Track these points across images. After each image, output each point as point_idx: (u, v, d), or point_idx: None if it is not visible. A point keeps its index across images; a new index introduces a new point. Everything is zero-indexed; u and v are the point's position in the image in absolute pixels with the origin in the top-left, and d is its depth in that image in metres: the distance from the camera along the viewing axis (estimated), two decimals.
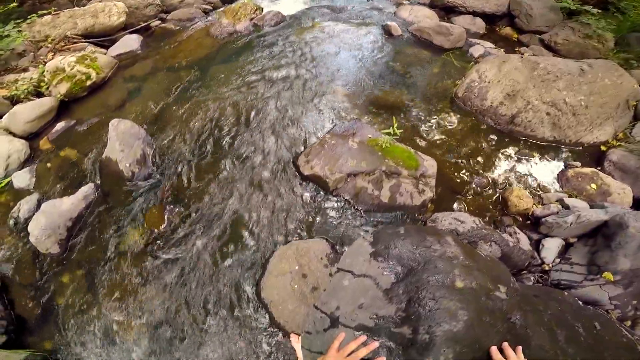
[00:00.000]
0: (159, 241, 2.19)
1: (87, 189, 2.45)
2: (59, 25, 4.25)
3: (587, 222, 1.91)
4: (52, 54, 4.02)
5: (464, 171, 2.48)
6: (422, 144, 2.65)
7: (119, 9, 4.43)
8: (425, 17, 4.52)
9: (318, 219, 2.20)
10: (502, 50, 4.01)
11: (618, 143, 2.77)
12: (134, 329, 1.91)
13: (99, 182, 2.56)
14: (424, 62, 3.62)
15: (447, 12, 4.84)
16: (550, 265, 1.95)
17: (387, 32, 4.13)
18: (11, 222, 2.42)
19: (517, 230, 2.08)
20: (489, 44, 4.08)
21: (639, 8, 4.76)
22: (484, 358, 0.99)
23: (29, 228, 2.24)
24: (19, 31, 4.11)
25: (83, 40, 4.23)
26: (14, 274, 2.24)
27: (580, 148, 2.77)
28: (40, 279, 2.18)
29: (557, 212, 2.10)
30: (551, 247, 1.98)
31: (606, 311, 1.58)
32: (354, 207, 2.21)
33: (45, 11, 4.35)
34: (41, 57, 3.99)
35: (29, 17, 4.31)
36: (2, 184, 2.70)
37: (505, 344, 1.01)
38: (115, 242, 2.24)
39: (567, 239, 2.03)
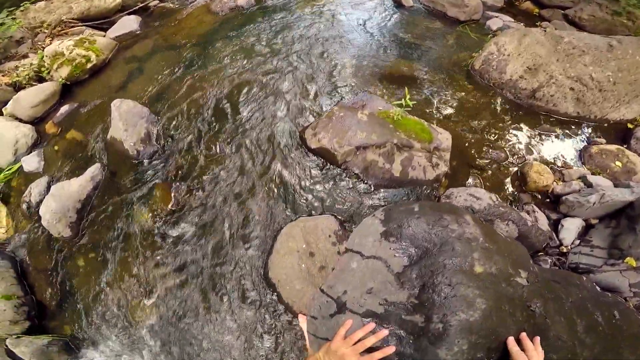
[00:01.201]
0: (166, 219, 2.18)
1: (94, 170, 2.45)
2: (54, 11, 4.19)
3: (612, 202, 1.78)
4: (50, 39, 3.97)
5: (480, 145, 2.35)
6: (437, 116, 2.52)
7: None
8: None
9: (326, 194, 2.12)
10: (522, 24, 3.74)
11: None
12: (148, 308, 1.93)
13: (105, 162, 2.55)
14: (437, 34, 3.41)
15: None
16: (569, 247, 1.83)
17: (398, 2, 3.89)
18: (24, 206, 2.45)
19: (536, 209, 1.97)
20: (507, 18, 3.83)
21: None
22: (500, 349, 0.93)
23: (40, 212, 2.26)
24: (13, 19, 4.08)
25: (80, 23, 4.16)
26: (31, 259, 2.28)
27: (606, 125, 2.58)
28: (56, 263, 2.21)
29: (579, 190, 1.97)
30: (571, 228, 1.85)
31: (624, 299, 1.49)
32: (364, 181, 2.11)
33: None
34: (39, 43, 3.96)
35: (21, 4, 4.25)
36: (13, 169, 2.73)
37: (523, 335, 0.94)
38: (124, 222, 2.24)
39: (587, 220, 1.90)
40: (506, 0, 4.31)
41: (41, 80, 3.38)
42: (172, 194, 2.27)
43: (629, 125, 2.57)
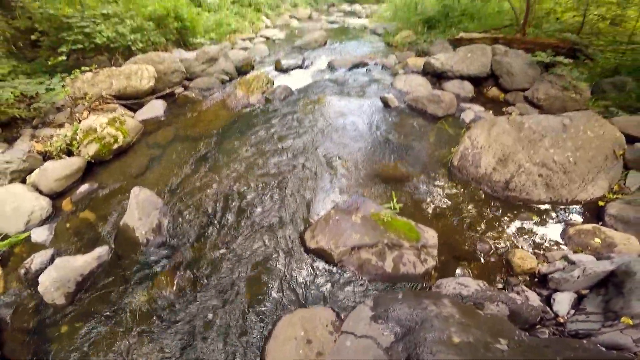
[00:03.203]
0: (165, 304, 2.23)
1: (101, 250, 2.58)
2: (97, 84, 4.66)
3: (594, 273, 1.97)
4: (88, 112, 4.32)
5: (465, 238, 2.55)
6: (423, 215, 2.75)
7: (150, 73, 4.94)
8: (418, 86, 4.96)
9: (324, 289, 2.25)
10: (491, 112, 4.30)
11: (615, 196, 2.83)
12: None
13: (113, 245, 2.69)
14: (420, 132, 3.90)
15: (438, 78, 5.33)
16: (566, 317, 1.94)
17: (385, 104, 4.51)
18: (22, 271, 2.51)
19: (525, 289, 2.11)
20: (478, 107, 4.39)
21: (605, 52, 5.15)
22: None
23: (40, 279, 2.32)
24: (63, 86, 4.49)
25: (115, 101, 4.63)
26: (13, 319, 2.26)
27: (579, 206, 2.83)
28: (39, 326, 2.19)
29: (564, 268, 2.14)
30: (563, 301, 2.00)
31: (634, 354, 1.55)
32: (359, 277, 2.27)
33: (87, 68, 4.81)
34: (77, 114, 4.27)
35: (72, 71, 4.72)
36: (21, 238, 2.83)
37: None
38: (120, 299, 2.28)
39: (578, 292, 2.04)
40: (476, 90, 5.01)
41: (69, 153, 3.58)
42: (175, 281, 2.36)
43: (600, 203, 2.80)
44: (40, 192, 3.22)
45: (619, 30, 6.32)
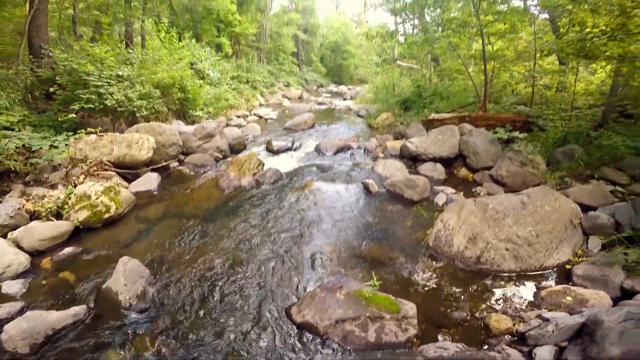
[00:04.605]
0: None
1: (78, 309, 2.51)
2: (99, 148, 4.64)
3: (566, 326, 2.17)
4: (84, 176, 4.29)
5: (444, 308, 2.71)
6: (403, 290, 2.91)
7: (150, 144, 5.01)
8: (396, 170, 5.39)
9: (310, 357, 2.27)
10: (461, 193, 4.68)
11: (580, 259, 3.15)
12: None
13: (92, 306, 2.63)
14: (398, 216, 4.19)
15: (414, 161, 5.85)
16: None
17: (366, 189, 4.84)
18: None
19: (505, 347, 2.27)
20: (450, 190, 4.78)
21: (555, 121, 5.52)
22: None
23: (5, 327, 2.24)
24: (66, 145, 4.45)
25: (113, 168, 4.65)
26: None
27: (548, 271, 3.10)
28: None
29: (539, 325, 2.33)
30: (543, 354, 2.14)
31: None
32: (344, 347, 2.34)
33: (93, 130, 4.84)
34: (73, 177, 4.21)
35: (77, 130, 4.69)
36: None
37: None
38: (92, 356, 2.17)
39: (558, 344, 2.19)
40: (447, 171, 5.43)
41: (58, 215, 3.54)
42: (155, 345, 2.30)
43: (567, 267, 3.09)
44: (21, 249, 3.17)
45: (564, 97, 6.92)
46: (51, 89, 5.37)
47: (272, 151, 6.84)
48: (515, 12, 7.03)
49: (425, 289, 2.93)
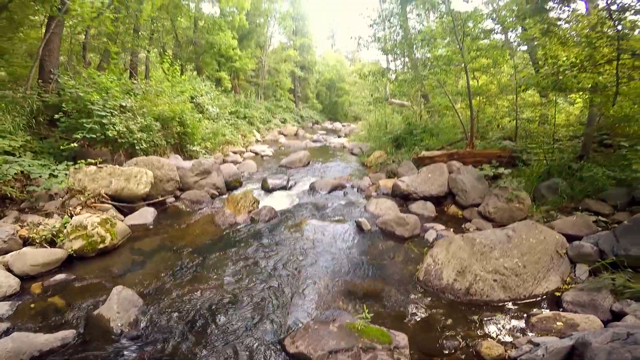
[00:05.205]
0: None
1: (67, 333, 2.49)
2: (98, 180, 4.58)
3: (556, 350, 2.21)
4: (81, 208, 4.29)
5: (435, 338, 2.72)
6: (394, 322, 2.92)
7: (148, 178, 4.99)
8: (388, 209, 5.48)
9: None
10: (451, 229, 4.75)
11: (569, 286, 3.23)
12: None
13: (82, 331, 2.60)
14: (390, 253, 4.26)
15: (405, 200, 5.98)
16: None
17: (359, 227, 4.93)
18: None
19: None
20: (439, 226, 4.86)
21: (538, 154, 5.55)
22: None
23: None
24: (66, 174, 4.39)
25: (110, 201, 4.63)
26: None
27: (537, 299, 3.16)
28: None
29: (530, 350, 2.37)
30: None
31: None
32: None
33: (93, 161, 4.75)
34: (70, 208, 4.19)
35: (77, 161, 4.61)
36: None
37: None
38: None
39: None
40: (437, 209, 5.53)
41: (52, 243, 3.54)
42: None
43: (557, 294, 3.15)
44: (11, 272, 3.16)
45: (546, 129, 6.92)
46: (56, 116, 5.34)
47: (268, 189, 6.93)
48: (496, 48, 7.30)
49: (417, 320, 2.96)
